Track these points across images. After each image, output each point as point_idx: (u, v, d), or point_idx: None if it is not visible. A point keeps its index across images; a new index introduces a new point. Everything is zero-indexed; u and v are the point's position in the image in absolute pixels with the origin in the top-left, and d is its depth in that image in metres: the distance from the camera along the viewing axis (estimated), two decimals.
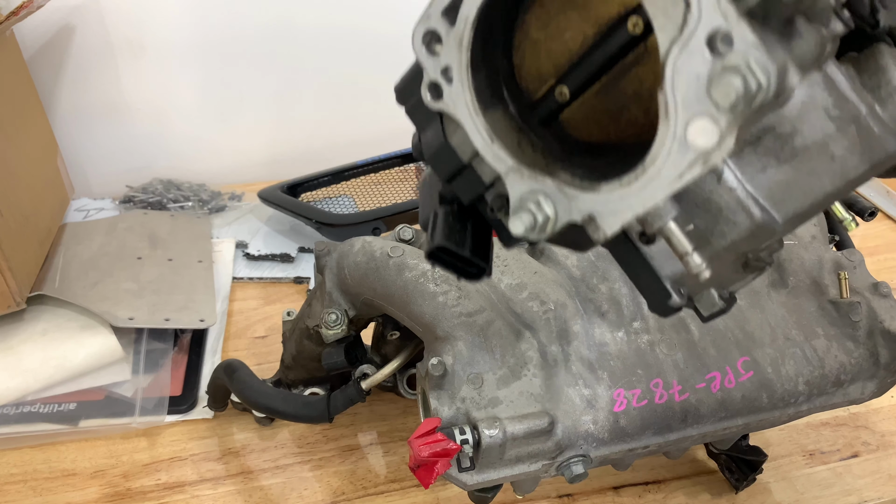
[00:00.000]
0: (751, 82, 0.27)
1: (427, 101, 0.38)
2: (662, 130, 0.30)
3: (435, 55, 0.37)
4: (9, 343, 0.80)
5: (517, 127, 0.38)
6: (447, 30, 0.35)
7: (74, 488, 0.71)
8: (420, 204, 0.44)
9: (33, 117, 0.96)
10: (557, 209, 0.35)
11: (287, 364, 0.75)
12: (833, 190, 0.37)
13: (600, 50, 0.36)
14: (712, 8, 0.27)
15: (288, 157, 1.21)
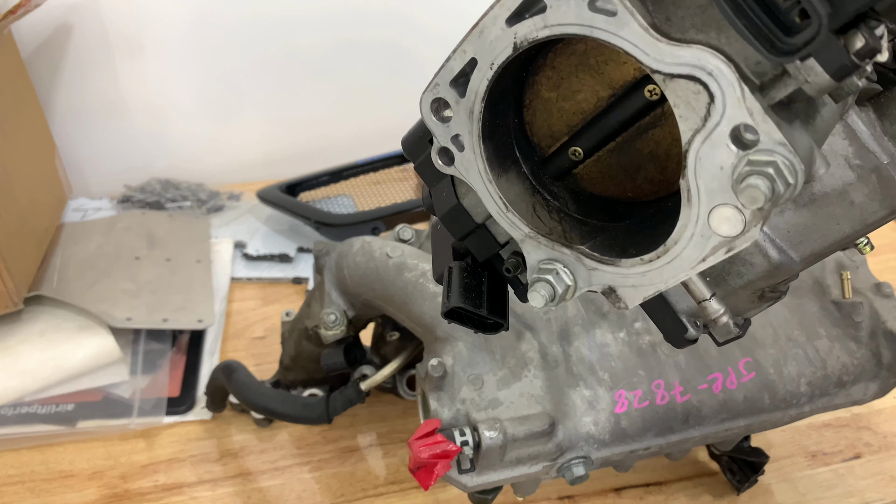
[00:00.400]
0: (779, 185, 0.26)
1: (438, 164, 0.36)
2: (685, 214, 0.29)
3: (445, 122, 0.35)
4: (6, 344, 0.79)
5: (531, 189, 0.37)
6: (456, 99, 0.34)
7: (72, 489, 0.70)
8: (433, 253, 0.44)
9: (31, 117, 0.95)
10: (577, 279, 0.34)
11: (286, 365, 0.75)
12: (851, 232, 0.37)
13: (615, 112, 0.35)
14: (736, 102, 0.26)
15: (287, 157, 1.20)
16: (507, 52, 0.31)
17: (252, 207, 1.10)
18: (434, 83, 0.34)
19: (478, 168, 0.35)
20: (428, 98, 0.35)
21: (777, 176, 0.26)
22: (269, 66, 1.13)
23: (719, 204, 0.28)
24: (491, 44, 0.31)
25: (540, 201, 0.37)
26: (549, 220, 0.36)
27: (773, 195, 0.26)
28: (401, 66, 1.16)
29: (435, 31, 1.14)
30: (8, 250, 0.77)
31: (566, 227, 0.36)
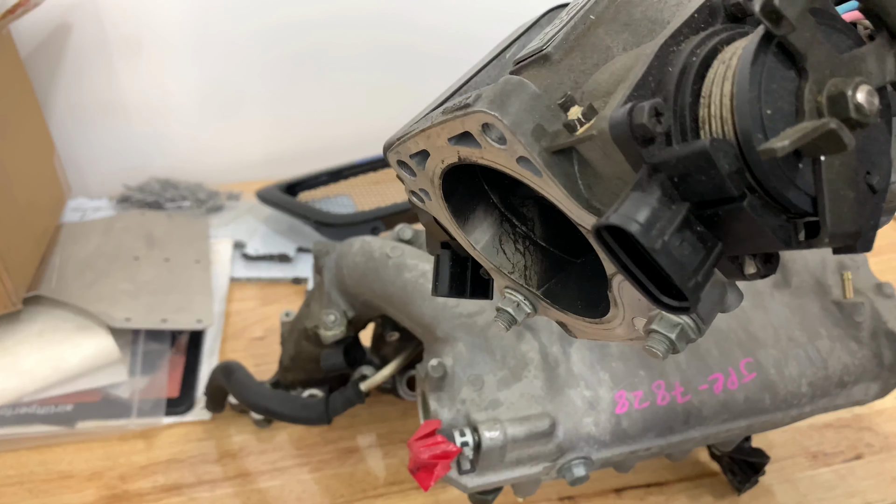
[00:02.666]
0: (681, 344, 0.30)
1: (412, 200, 0.39)
2: (613, 310, 0.33)
3: (411, 176, 0.37)
4: (5, 344, 0.79)
5: (499, 219, 0.39)
6: (418, 167, 0.36)
7: (71, 490, 0.70)
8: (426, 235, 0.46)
9: (30, 116, 0.95)
10: (536, 309, 0.38)
11: (285, 365, 0.74)
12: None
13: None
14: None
15: (286, 157, 1.20)
16: (454, 158, 0.33)
17: (251, 207, 1.09)
18: (396, 150, 0.36)
19: (445, 216, 0.37)
20: (392, 157, 0.37)
21: (679, 339, 0.30)
22: (268, 65, 1.13)
23: (638, 316, 0.31)
24: (439, 149, 0.33)
25: (507, 231, 0.39)
26: (513, 255, 0.38)
27: (679, 337, 0.30)
28: (400, 65, 1.16)
29: (435, 31, 1.14)
30: (7, 250, 0.77)
31: (528, 261, 0.38)
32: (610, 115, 0.25)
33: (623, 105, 0.24)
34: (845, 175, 0.24)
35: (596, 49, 0.32)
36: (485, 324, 0.57)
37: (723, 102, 0.24)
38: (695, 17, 0.27)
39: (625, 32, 0.32)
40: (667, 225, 0.24)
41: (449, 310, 0.58)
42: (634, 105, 0.24)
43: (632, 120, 0.24)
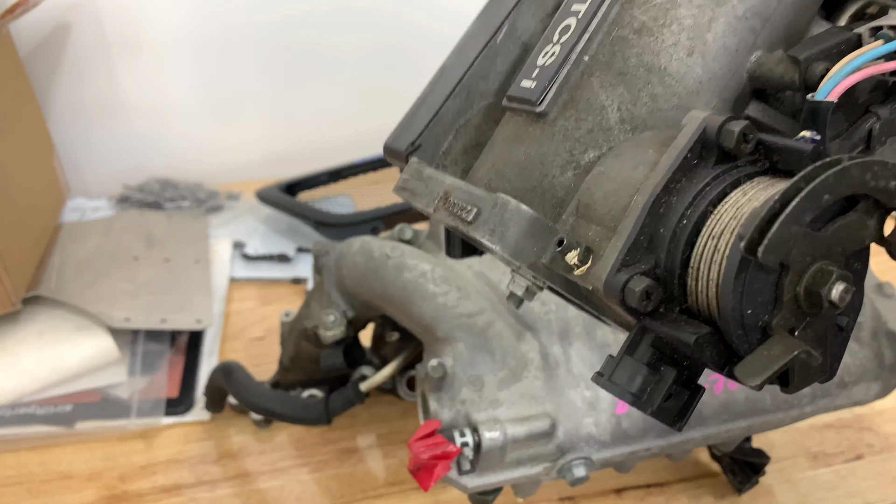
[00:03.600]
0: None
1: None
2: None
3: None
4: (4, 344, 0.79)
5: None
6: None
7: (71, 490, 0.70)
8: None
9: (29, 116, 0.95)
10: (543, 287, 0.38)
11: (285, 365, 0.74)
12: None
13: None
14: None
15: (286, 156, 1.20)
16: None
17: (251, 207, 1.09)
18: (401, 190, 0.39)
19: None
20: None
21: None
22: (268, 65, 1.13)
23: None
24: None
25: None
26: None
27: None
28: (400, 65, 1.16)
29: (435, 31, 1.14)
30: (6, 250, 0.77)
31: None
32: (604, 279, 0.27)
33: (616, 272, 0.26)
34: (812, 341, 0.27)
35: (591, 109, 0.32)
36: (485, 324, 0.57)
37: (709, 286, 0.26)
38: (687, 157, 0.27)
39: (620, 86, 0.31)
40: (657, 390, 0.28)
41: (449, 310, 0.58)
42: (628, 281, 0.26)
43: (624, 295, 0.26)
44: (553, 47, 0.32)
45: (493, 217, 0.30)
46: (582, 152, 0.31)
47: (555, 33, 0.33)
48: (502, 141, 0.34)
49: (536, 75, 0.32)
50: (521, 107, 0.32)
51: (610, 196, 0.29)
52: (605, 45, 0.31)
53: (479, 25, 0.39)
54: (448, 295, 0.58)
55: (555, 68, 0.32)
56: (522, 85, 0.33)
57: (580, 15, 0.32)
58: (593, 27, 0.31)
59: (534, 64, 0.33)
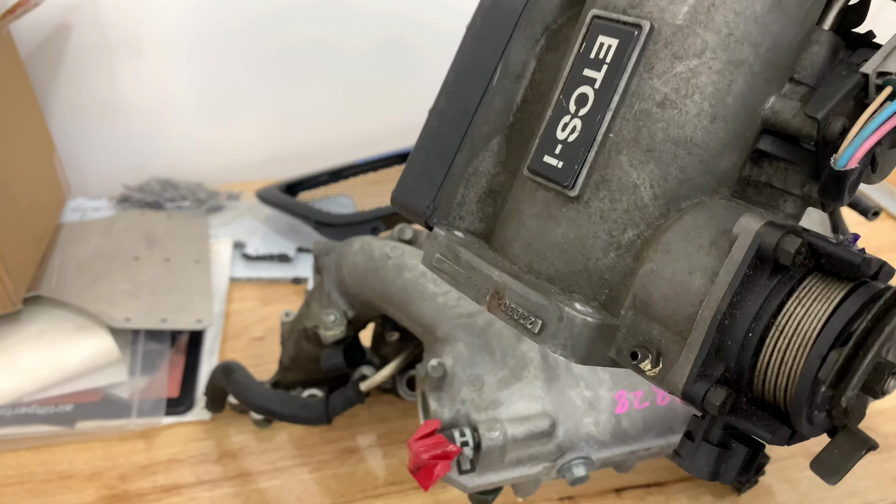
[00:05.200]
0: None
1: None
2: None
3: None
4: (5, 344, 0.79)
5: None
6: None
7: (71, 490, 0.70)
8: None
9: (30, 116, 0.95)
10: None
11: (285, 365, 0.74)
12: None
13: None
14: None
15: (286, 157, 1.20)
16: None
17: (251, 207, 1.09)
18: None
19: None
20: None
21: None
22: (268, 65, 1.13)
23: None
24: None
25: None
26: None
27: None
28: (401, 65, 1.16)
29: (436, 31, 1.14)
30: (7, 250, 0.77)
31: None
32: (682, 389, 0.29)
33: (693, 383, 0.29)
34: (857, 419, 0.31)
35: (623, 189, 0.31)
36: (485, 324, 0.57)
37: (776, 387, 0.29)
38: (748, 273, 0.28)
39: (650, 163, 0.31)
40: (732, 465, 0.31)
41: (449, 310, 0.58)
42: (707, 393, 0.29)
43: (704, 405, 0.28)
44: (572, 120, 0.31)
45: (562, 331, 0.31)
46: (621, 232, 0.32)
47: (570, 102, 0.32)
48: (533, 217, 0.33)
49: (561, 153, 0.32)
50: (550, 185, 0.32)
51: (670, 300, 0.30)
52: (628, 121, 0.31)
53: (468, 62, 0.37)
54: (448, 295, 0.58)
55: (581, 148, 0.31)
56: (546, 161, 0.32)
57: (597, 85, 0.31)
58: (615, 103, 0.30)
59: (553, 137, 0.32)
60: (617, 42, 0.30)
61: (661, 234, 0.31)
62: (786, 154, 0.32)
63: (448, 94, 0.36)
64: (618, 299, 0.32)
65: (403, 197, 0.38)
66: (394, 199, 0.39)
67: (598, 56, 0.31)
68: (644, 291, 0.31)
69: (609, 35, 0.31)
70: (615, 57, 0.30)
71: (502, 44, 0.35)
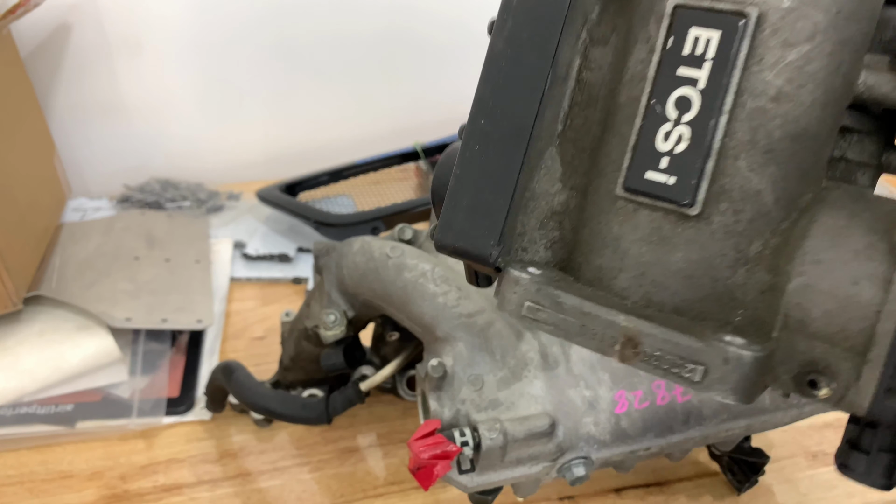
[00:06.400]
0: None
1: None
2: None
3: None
4: (5, 344, 0.79)
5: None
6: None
7: (71, 490, 0.70)
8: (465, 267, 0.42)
9: (30, 116, 0.95)
10: None
11: (285, 365, 0.74)
12: None
13: None
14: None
15: (286, 157, 1.20)
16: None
17: (251, 207, 1.10)
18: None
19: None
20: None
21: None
22: (268, 65, 1.13)
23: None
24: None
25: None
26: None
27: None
28: (401, 65, 1.16)
29: (437, 31, 1.14)
30: (7, 250, 0.77)
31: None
32: (867, 407, 0.27)
33: (883, 400, 0.27)
34: None
35: (746, 197, 0.28)
36: (485, 324, 0.57)
37: None
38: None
39: (770, 165, 0.28)
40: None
41: (449, 309, 0.58)
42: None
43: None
44: (675, 128, 0.28)
45: (731, 375, 0.27)
46: (747, 245, 0.29)
47: (666, 107, 0.28)
48: (639, 243, 0.29)
49: (670, 167, 0.28)
50: (659, 204, 0.29)
51: (835, 316, 0.27)
52: (742, 121, 0.28)
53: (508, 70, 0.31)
54: (448, 295, 0.58)
55: (697, 158, 0.28)
56: (650, 178, 0.28)
57: (701, 86, 0.28)
58: (729, 104, 0.27)
59: (652, 149, 0.28)
60: (719, 34, 0.27)
61: (799, 241, 0.28)
62: (865, 126, 0.30)
63: (488, 111, 0.31)
64: (756, 320, 0.29)
65: (457, 240, 0.32)
66: (442, 245, 0.33)
67: (694, 52, 0.27)
68: (799, 310, 0.28)
69: (706, 26, 0.27)
70: (720, 52, 0.27)
71: (551, 45, 0.30)
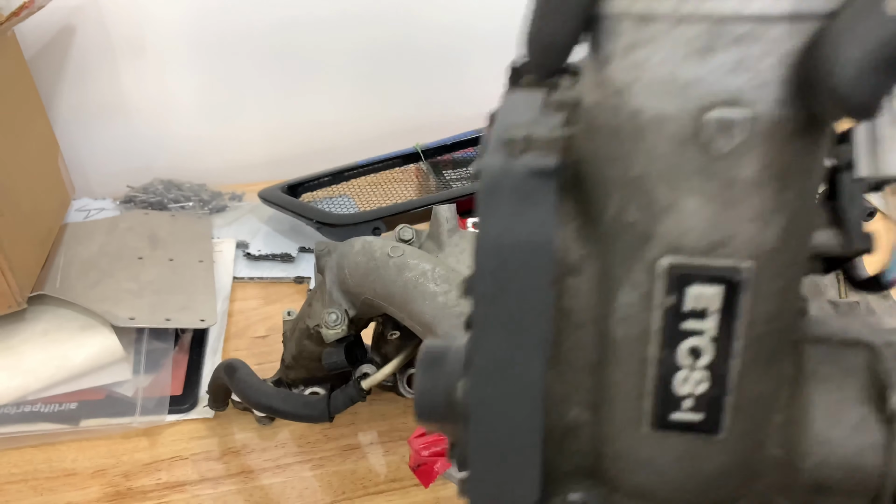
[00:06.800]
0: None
1: None
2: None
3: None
4: (10, 343, 0.80)
5: None
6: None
7: (75, 488, 0.71)
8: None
9: (34, 117, 0.96)
10: None
11: (287, 364, 0.75)
12: None
13: None
14: None
15: (288, 157, 1.21)
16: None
17: (254, 208, 1.10)
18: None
19: None
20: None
21: None
22: (271, 66, 1.14)
23: None
24: None
25: None
26: None
27: None
28: (403, 66, 1.16)
29: (438, 34, 1.15)
30: (11, 250, 0.78)
31: None
32: None
33: None
34: None
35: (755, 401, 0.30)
36: None
37: None
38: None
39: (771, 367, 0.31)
40: None
41: (449, 309, 0.58)
42: None
43: None
44: (692, 373, 0.29)
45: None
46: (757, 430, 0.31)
47: (678, 357, 0.29)
48: (676, 462, 0.30)
49: (696, 407, 0.29)
50: (690, 435, 0.30)
51: (846, 482, 0.30)
52: (749, 349, 0.29)
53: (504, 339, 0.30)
54: (448, 294, 0.59)
55: (718, 396, 0.29)
56: (677, 419, 0.29)
57: (711, 335, 0.28)
58: (739, 347, 0.28)
59: (673, 394, 0.29)
60: (721, 289, 0.27)
61: (802, 421, 0.31)
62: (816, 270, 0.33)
63: (492, 375, 0.30)
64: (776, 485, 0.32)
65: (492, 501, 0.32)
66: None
67: (696, 308, 0.28)
68: (817, 480, 0.31)
69: (705, 284, 0.27)
70: (725, 305, 0.27)
71: (545, 306, 0.29)
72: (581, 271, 0.30)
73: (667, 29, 0.25)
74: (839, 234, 0.31)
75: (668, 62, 0.25)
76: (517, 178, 0.28)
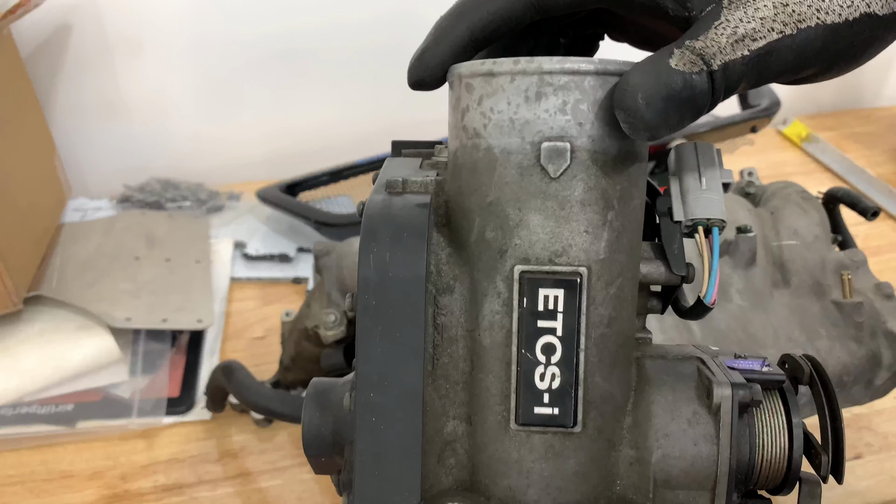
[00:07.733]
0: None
1: None
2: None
3: None
4: (6, 344, 0.79)
5: None
6: None
7: (72, 490, 0.70)
8: None
9: (30, 116, 0.95)
10: None
11: (285, 365, 0.75)
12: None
13: None
14: None
15: (286, 157, 1.21)
16: None
17: (252, 207, 1.10)
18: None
19: None
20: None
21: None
22: (268, 65, 1.13)
23: None
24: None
25: None
26: None
27: None
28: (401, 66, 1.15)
29: None
30: (8, 250, 0.77)
31: None
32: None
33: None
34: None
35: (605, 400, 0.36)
36: None
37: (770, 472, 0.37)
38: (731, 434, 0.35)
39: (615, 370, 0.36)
40: None
41: None
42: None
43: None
44: (547, 369, 0.34)
45: None
46: (612, 433, 0.35)
47: (536, 354, 0.34)
48: (539, 461, 0.34)
49: (552, 401, 0.34)
50: (550, 430, 0.34)
51: (689, 471, 0.35)
52: (592, 349, 0.34)
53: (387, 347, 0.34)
54: None
55: (569, 391, 0.34)
56: (539, 412, 0.34)
57: (559, 333, 0.33)
58: (583, 343, 0.33)
59: (534, 389, 0.34)
60: (563, 291, 0.33)
61: (647, 420, 0.36)
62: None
63: (377, 386, 0.34)
64: (632, 486, 0.36)
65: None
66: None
67: (546, 308, 0.33)
68: (664, 473, 0.35)
69: (551, 287, 0.33)
70: (567, 305, 0.33)
71: (420, 317, 0.34)
72: (453, 290, 0.35)
73: (507, 81, 0.32)
74: (663, 264, 0.37)
75: (510, 107, 0.33)
76: (396, 210, 0.34)
